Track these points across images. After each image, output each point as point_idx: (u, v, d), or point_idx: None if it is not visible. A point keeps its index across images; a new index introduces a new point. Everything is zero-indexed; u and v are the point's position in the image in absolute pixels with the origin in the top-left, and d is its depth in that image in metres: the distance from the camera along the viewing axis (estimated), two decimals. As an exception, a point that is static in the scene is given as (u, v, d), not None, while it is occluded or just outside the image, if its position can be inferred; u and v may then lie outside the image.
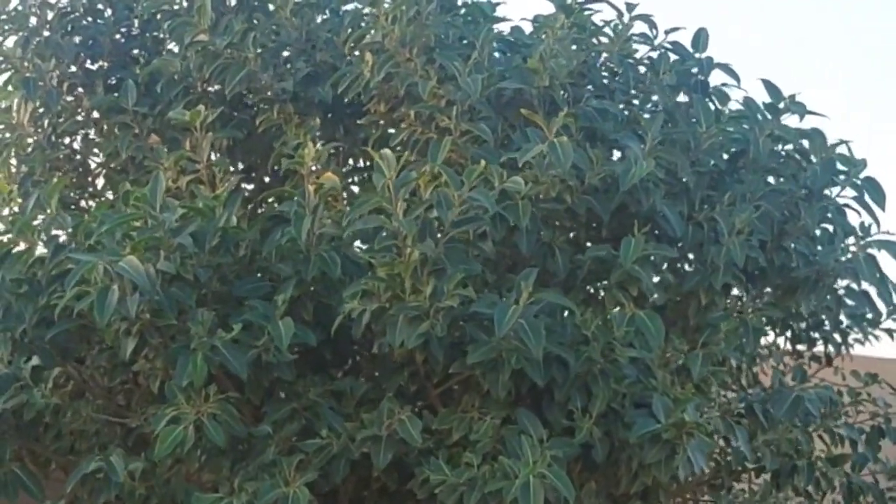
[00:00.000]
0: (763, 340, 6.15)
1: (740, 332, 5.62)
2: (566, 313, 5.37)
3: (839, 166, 5.86)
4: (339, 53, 6.07)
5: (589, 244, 5.67)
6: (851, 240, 5.83)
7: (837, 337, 6.29)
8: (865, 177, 5.84)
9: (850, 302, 6.08)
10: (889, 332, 6.31)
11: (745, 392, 6.12)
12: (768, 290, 5.92)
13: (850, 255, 5.81)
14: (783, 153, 5.95)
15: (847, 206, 5.88)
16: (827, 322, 6.22)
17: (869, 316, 6.20)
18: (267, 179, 6.29)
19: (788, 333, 6.32)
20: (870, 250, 5.76)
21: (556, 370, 5.23)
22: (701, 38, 6.19)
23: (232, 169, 6.12)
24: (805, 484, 5.92)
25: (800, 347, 6.44)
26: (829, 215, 5.85)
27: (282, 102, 6.01)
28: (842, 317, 6.17)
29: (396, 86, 5.73)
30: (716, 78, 6.10)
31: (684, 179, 5.66)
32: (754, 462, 5.90)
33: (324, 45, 6.14)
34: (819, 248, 5.86)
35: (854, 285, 5.94)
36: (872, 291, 6.00)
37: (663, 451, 5.20)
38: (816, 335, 6.35)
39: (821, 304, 5.98)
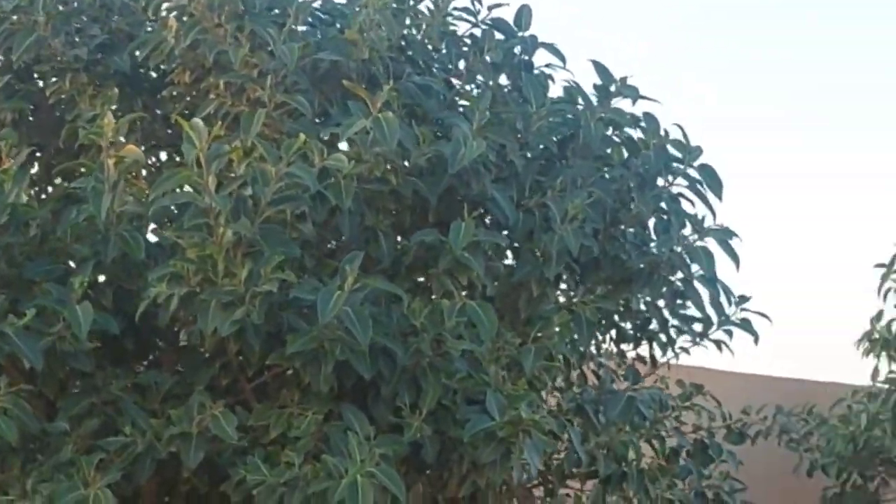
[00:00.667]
0: (589, 337, 5.81)
1: (573, 325, 5.27)
2: (392, 302, 4.95)
3: (674, 153, 5.59)
4: (137, 20, 5.54)
5: (415, 229, 5.25)
6: (689, 230, 5.54)
7: (664, 337, 5.97)
8: (701, 164, 5.58)
9: (685, 303, 5.77)
10: (718, 343, 6.01)
11: (574, 391, 5.78)
12: (602, 281, 5.58)
13: (685, 246, 5.52)
14: (616, 138, 5.64)
15: (682, 195, 5.61)
16: (655, 321, 5.90)
17: (697, 327, 5.90)
18: (57, 157, 5.67)
19: (614, 332, 5.98)
20: (705, 241, 5.49)
21: (382, 363, 4.81)
22: (523, 15, 5.81)
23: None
24: (635, 491, 5.61)
25: (624, 347, 6.12)
26: (663, 205, 5.55)
27: (74, 72, 5.43)
28: (675, 320, 5.86)
29: (204, 53, 5.22)
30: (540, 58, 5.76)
31: (514, 163, 5.30)
32: (587, 466, 5.57)
33: (120, 11, 5.59)
34: (655, 238, 5.56)
35: (695, 281, 5.65)
36: (706, 296, 5.72)
37: (498, 450, 4.83)
38: (640, 335, 6.03)
39: (655, 299, 5.67)
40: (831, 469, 8.91)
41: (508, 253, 5.38)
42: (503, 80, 5.69)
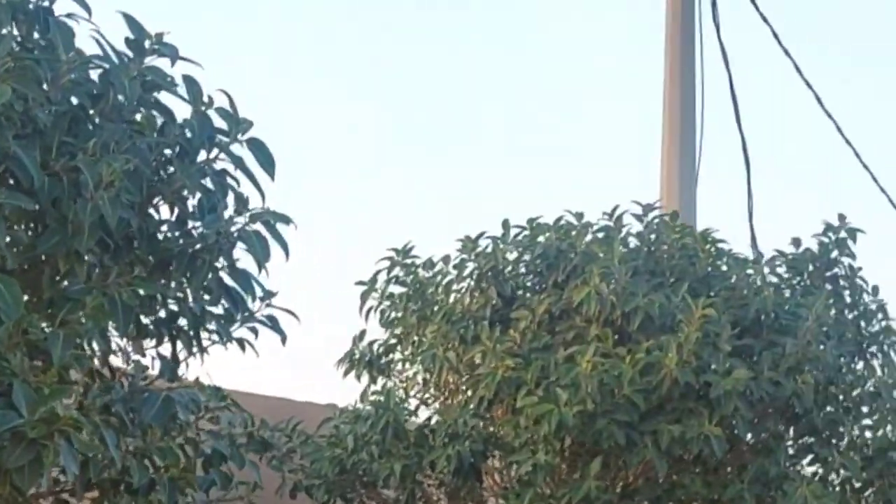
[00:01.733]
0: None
1: (108, 310, 4.53)
2: None
3: (221, 125, 4.97)
4: None
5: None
6: (232, 211, 4.93)
7: (192, 333, 5.29)
8: (251, 138, 4.99)
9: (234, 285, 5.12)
10: (240, 342, 5.40)
11: (100, 387, 4.99)
12: (139, 262, 4.85)
13: (237, 230, 4.91)
14: (154, 101, 4.96)
15: (226, 171, 4.99)
16: (186, 314, 5.20)
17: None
18: None
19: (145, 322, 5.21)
20: (257, 226, 4.91)
21: None
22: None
23: None
24: (167, 501, 4.90)
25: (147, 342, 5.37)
26: (209, 181, 4.92)
27: None
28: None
29: None
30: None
31: (39, 118, 4.51)
32: (119, 473, 4.80)
33: None
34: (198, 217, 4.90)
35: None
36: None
37: (29, 452, 4.01)
38: (167, 329, 5.31)
39: (199, 287, 5.00)
40: (317, 492, 8.51)
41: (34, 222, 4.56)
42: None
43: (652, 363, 7.91)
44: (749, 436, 8.28)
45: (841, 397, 8.43)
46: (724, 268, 8.71)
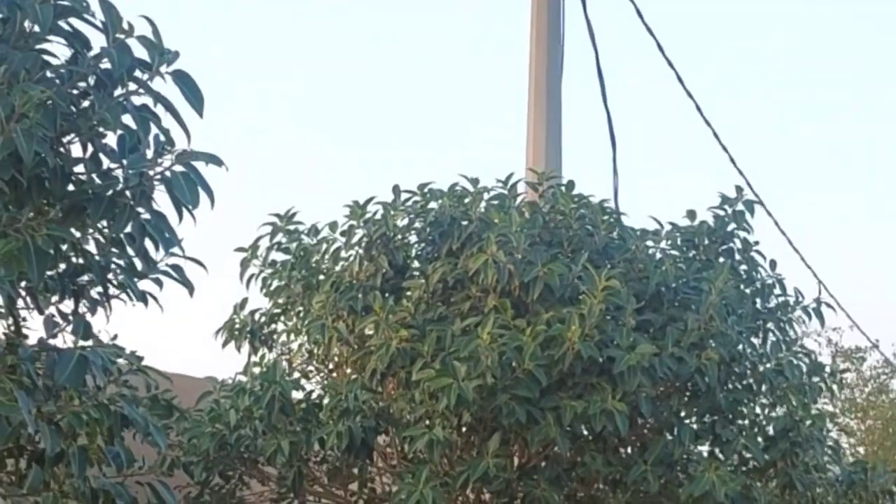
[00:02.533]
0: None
1: (20, 255, 4.00)
2: None
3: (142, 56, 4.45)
4: None
5: None
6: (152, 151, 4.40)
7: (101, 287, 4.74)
8: (176, 70, 4.48)
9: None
10: (144, 296, 4.86)
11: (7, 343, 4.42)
12: (51, 204, 4.30)
13: (163, 170, 4.39)
14: (66, 26, 4.41)
15: (147, 106, 4.47)
16: (90, 267, 4.65)
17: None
18: None
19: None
20: (184, 167, 4.39)
21: None
22: None
23: None
24: (77, 474, 4.38)
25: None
26: (130, 117, 4.39)
27: None
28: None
29: None
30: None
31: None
32: (27, 440, 4.27)
33: None
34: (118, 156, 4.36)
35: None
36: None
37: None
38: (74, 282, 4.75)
39: (119, 233, 4.46)
40: (196, 469, 7.99)
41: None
42: None
43: (553, 336, 7.58)
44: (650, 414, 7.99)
45: (744, 375, 8.21)
46: (623, 240, 8.43)
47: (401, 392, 8.00)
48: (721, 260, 8.66)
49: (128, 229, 4.29)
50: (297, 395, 8.31)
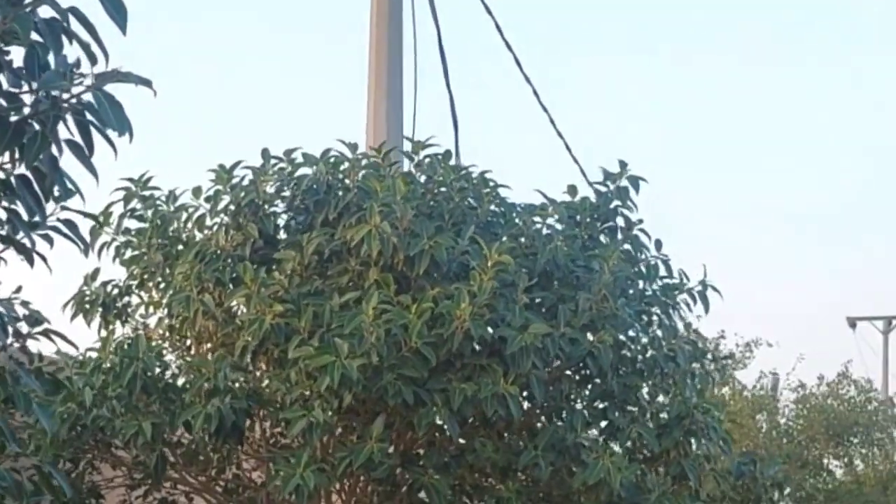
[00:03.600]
0: None
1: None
2: None
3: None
4: None
5: None
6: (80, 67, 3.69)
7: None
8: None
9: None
10: (29, 253, 4.14)
11: None
12: None
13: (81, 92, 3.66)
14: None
15: (58, 20, 3.75)
16: None
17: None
18: None
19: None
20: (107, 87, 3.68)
21: None
22: None
23: None
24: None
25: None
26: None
27: None
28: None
29: None
30: None
31: None
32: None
33: None
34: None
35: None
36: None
37: None
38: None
39: (29, 168, 3.71)
40: (44, 453, 7.20)
41: None
42: None
43: (441, 314, 7.09)
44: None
45: (635, 360, 7.81)
46: (507, 214, 7.94)
47: (274, 371, 7.40)
48: (603, 238, 8.23)
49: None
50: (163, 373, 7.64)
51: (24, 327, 3.90)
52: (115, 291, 8.10)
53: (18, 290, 3.83)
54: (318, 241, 7.45)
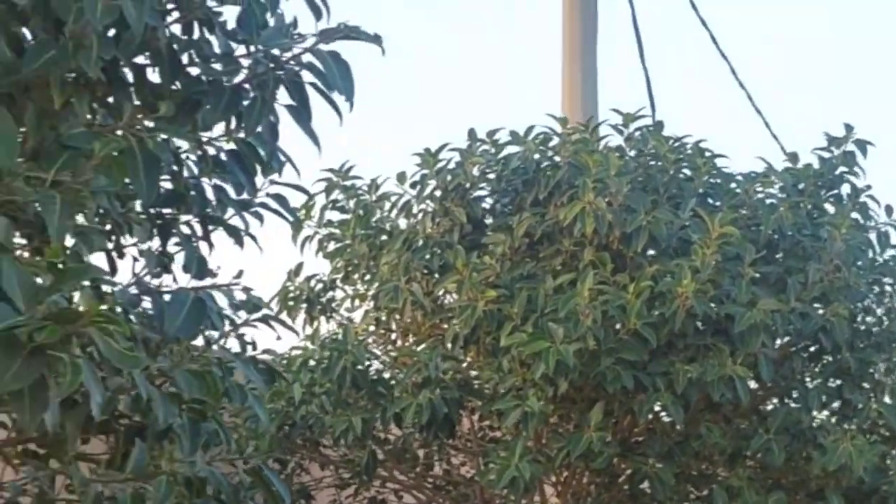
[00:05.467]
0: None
1: (122, 161, 3.01)
2: None
3: None
4: None
5: None
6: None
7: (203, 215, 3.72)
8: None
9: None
10: (238, 233, 3.84)
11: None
12: (162, 96, 3.28)
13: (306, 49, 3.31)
14: None
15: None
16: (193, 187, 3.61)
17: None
18: None
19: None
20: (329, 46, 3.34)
21: None
22: None
23: None
24: (190, 452, 3.39)
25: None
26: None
27: None
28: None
29: None
30: None
31: None
32: (140, 411, 3.28)
33: None
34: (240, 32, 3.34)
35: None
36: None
37: (31, 368, 2.54)
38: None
39: (250, 135, 3.40)
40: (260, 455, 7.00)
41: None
42: None
43: (661, 293, 6.67)
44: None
45: (870, 333, 7.27)
46: (729, 185, 7.47)
47: (485, 360, 7.06)
48: (829, 207, 7.69)
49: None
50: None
51: (241, 315, 3.62)
52: (319, 286, 7.86)
53: (239, 275, 3.54)
54: (529, 222, 7.10)
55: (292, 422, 7.04)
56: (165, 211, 3.71)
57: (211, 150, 3.53)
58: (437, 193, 7.43)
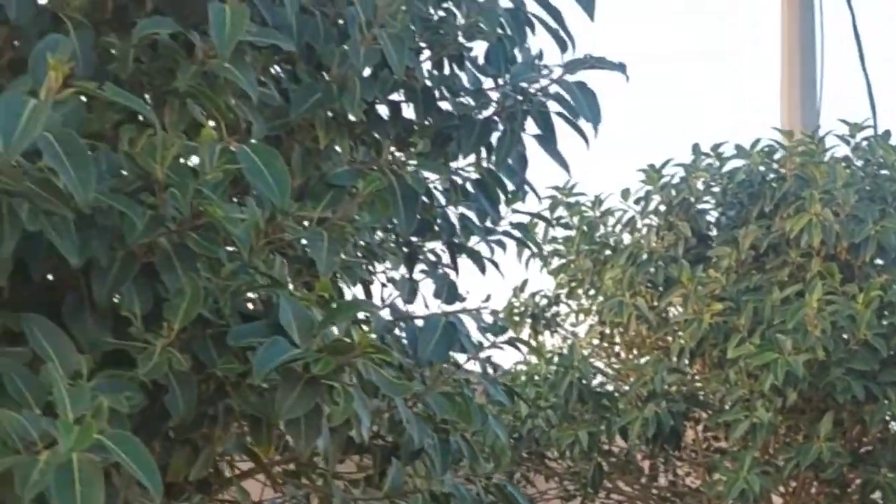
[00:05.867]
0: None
1: (384, 197, 3.15)
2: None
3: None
4: None
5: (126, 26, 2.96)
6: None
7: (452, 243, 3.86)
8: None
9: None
10: (480, 259, 3.96)
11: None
12: (416, 133, 3.43)
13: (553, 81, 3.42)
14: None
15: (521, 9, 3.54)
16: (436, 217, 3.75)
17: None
18: None
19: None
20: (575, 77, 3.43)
21: (96, 241, 2.57)
22: None
23: None
24: (441, 468, 3.54)
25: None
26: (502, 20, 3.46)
27: None
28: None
29: None
30: None
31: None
32: (394, 431, 3.45)
33: None
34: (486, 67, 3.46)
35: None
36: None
37: (307, 398, 2.69)
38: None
39: (500, 166, 3.51)
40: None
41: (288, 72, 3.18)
42: None
43: (891, 302, 6.63)
44: None
45: None
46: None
47: (712, 372, 7.09)
48: None
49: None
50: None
51: (489, 338, 3.74)
52: (544, 301, 7.99)
53: (487, 299, 3.67)
54: (755, 234, 7.12)
55: (518, 435, 7.17)
56: (412, 238, 3.86)
57: (458, 180, 3.66)
58: (662, 208, 7.50)
